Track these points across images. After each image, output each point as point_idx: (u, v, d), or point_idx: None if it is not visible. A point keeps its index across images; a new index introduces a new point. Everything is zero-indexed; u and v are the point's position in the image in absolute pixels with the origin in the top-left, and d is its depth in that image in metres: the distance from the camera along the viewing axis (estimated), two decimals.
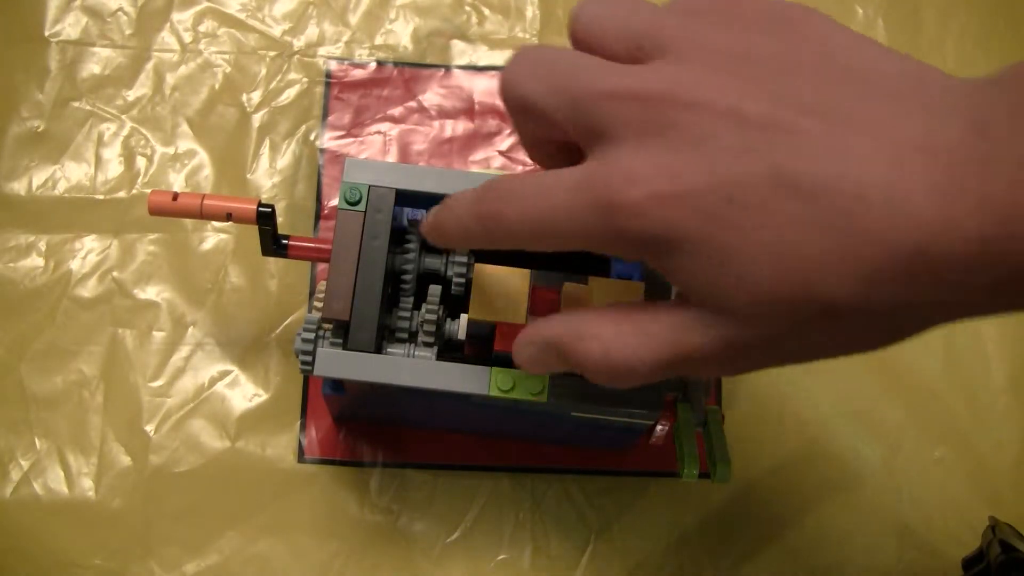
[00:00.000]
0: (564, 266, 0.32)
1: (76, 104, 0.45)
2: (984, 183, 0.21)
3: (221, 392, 0.42)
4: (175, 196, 0.34)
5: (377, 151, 0.46)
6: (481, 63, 0.47)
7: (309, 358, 0.32)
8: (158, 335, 0.42)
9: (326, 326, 0.33)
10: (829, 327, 0.23)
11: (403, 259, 0.34)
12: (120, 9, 0.47)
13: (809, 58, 0.24)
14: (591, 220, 0.24)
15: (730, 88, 0.23)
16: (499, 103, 0.47)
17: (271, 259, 0.42)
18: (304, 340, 0.32)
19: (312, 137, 0.46)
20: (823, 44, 0.24)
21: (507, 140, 0.46)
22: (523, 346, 0.28)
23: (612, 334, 0.26)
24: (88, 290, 0.43)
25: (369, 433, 0.42)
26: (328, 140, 0.46)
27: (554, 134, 0.27)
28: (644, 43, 0.25)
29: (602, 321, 0.26)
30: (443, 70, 0.47)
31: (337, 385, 0.34)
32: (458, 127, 0.46)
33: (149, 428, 0.41)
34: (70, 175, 0.44)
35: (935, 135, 0.22)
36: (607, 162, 0.24)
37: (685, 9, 0.26)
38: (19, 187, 0.44)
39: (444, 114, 0.46)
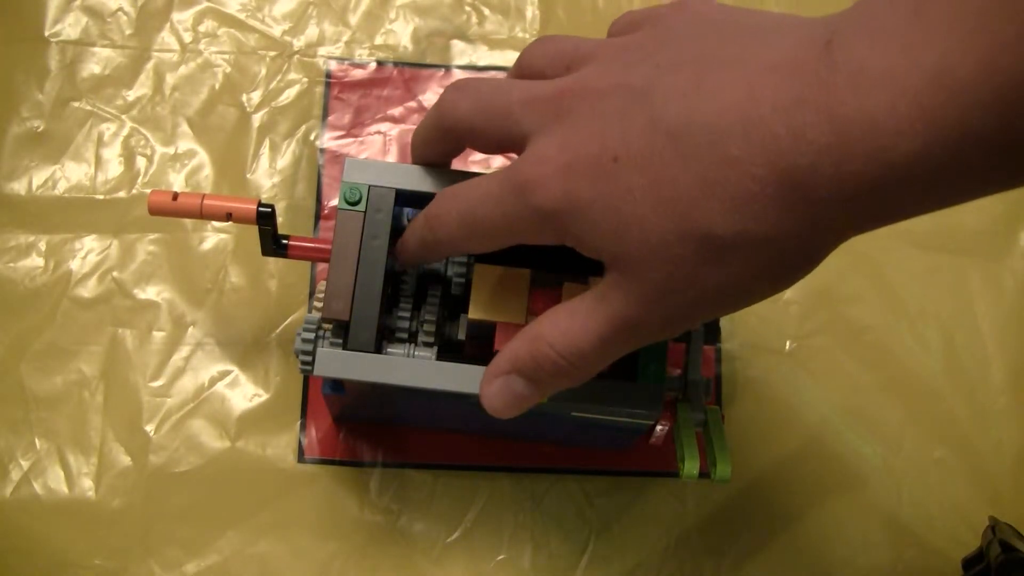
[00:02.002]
0: (564, 266, 0.32)
1: (76, 104, 0.45)
2: (826, 93, 0.22)
3: (221, 392, 0.42)
4: (175, 196, 0.34)
5: (377, 151, 0.46)
6: (481, 63, 0.47)
7: (309, 358, 0.32)
8: (158, 335, 0.42)
9: (326, 326, 0.33)
10: (720, 261, 0.24)
11: None
12: (120, 9, 0.47)
13: (689, 30, 0.26)
14: (512, 202, 0.27)
15: (617, 70, 0.26)
16: None
17: (271, 259, 0.42)
18: (304, 340, 0.32)
19: (312, 137, 0.46)
20: (704, 18, 0.27)
21: None
22: (488, 386, 0.29)
23: (551, 327, 0.28)
24: (88, 290, 0.43)
25: (369, 433, 0.42)
26: (328, 140, 0.46)
27: (491, 150, 0.31)
28: (570, 63, 0.29)
29: (542, 322, 0.28)
30: (443, 70, 0.47)
31: (337, 385, 0.34)
32: None
33: (149, 428, 0.41)
34: (70, 175, 0.44)
35: (789, 58, 0.23)
36: (525, 153, 0.28)
37: (609, 33, 0.30)
38: (19, 187, 0.44)
39: None
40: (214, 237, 0.44)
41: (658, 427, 0.35)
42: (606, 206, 0.25)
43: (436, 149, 0.33)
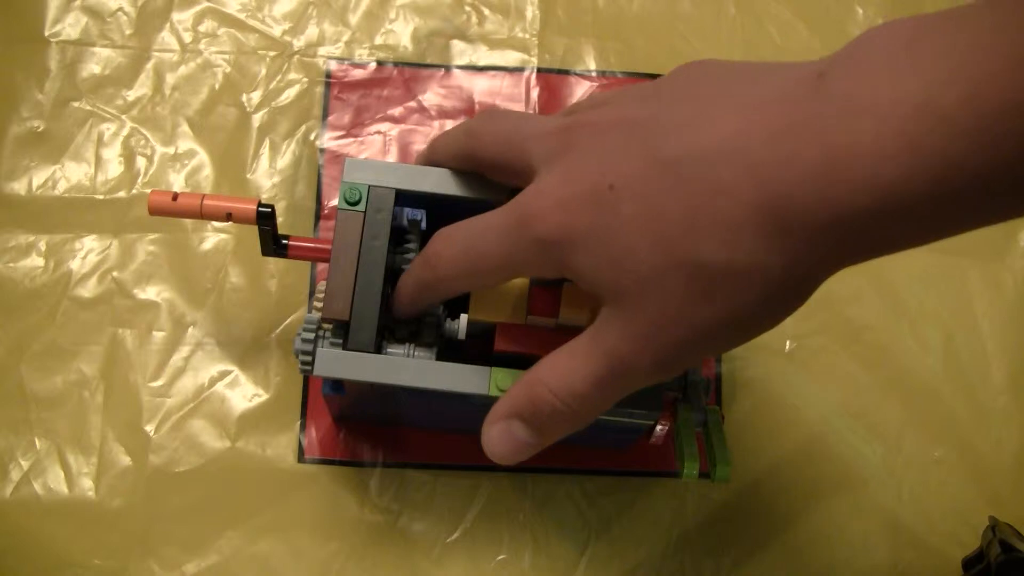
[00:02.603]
0: None
1: (76, 104, 0.45)
2: (816, 121, 0.22)
3: (221, 392, 0.42)
4: (175, 196, 0.34)
5: (377, 151, 0.46)
6: (481, 63, 0.47)
7: (309, 358, 0.32)
8: (158, 335, 0.42)
9: (326, 326, 0.33)
10: (708, 295, 0.24)
11: (403, 259, 0.34)
12: (120, 9, 0.47)
13: (694, 74, 0.27)
14: (513, 235, 0.27)
15: (623, 105, 0.27)
16: (499, 103, 0.47)
17: (271, 259, 0.42)
18: (304, 340, 0.32)
19: (312, 137, 0.46)
20: (708, 67, 0.27)
21: None
22: (488, 430, 0.29)
23: (549, 370, 0.27)
24: (88, 290, 0.43)
25: (369, 433, 0.42)
26: (328, 140, 0.46)
27: (507, 181, 0.31)
28: (593, 105, 0.29)
29: (542, 365, 0.28)
30: (443, 70, 0.47)
31: (337, 385, 0.34)
32: None
33: (149, 428, 0.41)
34: (70, 175, 0.44)
35: (784, 92, 0.23)
36: (528, 187, 0.28)
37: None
38: (19, 187, 0.44)
39: (444, 114, 0.46)
40: (214, 237, 0.44)
41: (658, 427, 0.35)
42: (601, 236, 0.25)
43: (456, 167, 0.33)
